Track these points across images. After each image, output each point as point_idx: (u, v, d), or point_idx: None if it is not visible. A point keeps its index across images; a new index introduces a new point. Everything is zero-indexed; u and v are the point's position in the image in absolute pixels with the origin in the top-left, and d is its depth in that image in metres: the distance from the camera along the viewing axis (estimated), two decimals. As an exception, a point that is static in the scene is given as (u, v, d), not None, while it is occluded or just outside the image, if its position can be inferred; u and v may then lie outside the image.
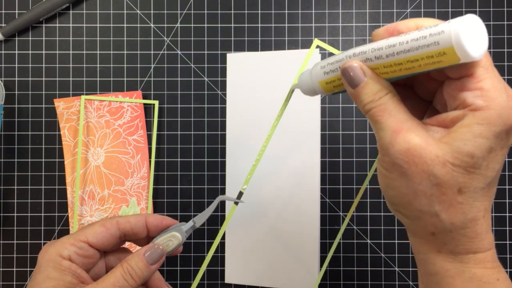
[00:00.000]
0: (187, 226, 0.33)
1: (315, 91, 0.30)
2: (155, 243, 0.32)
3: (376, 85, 0.25)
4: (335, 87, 0.29)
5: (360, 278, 0.52)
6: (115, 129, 0.53)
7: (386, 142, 0.24)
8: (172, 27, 0.54)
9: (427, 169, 0.23)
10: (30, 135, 0.53)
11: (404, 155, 0.23)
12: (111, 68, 0.54)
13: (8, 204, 0.53)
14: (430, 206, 0.24)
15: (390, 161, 0.24)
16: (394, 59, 0.24)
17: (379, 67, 0.25)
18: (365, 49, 0.26)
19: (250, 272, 0.52)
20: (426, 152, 0.23)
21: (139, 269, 0.30)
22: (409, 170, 0.23)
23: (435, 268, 0.25)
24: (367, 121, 0.53)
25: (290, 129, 0.52)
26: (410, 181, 0.24)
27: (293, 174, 0.51)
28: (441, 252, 0.25)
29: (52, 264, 0.30)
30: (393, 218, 0.52)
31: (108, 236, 0.32)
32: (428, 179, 0.23)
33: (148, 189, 0.53)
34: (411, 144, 0.23)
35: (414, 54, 0.23)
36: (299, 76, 0.32)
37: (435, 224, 0.24)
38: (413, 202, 0.24)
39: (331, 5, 0.54)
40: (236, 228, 0.52)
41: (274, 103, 0.52)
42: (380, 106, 0.25)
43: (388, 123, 0.24)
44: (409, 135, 0.24)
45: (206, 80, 0.54)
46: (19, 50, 0.54)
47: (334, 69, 0.28)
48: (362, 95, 0.26)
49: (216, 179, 0.53)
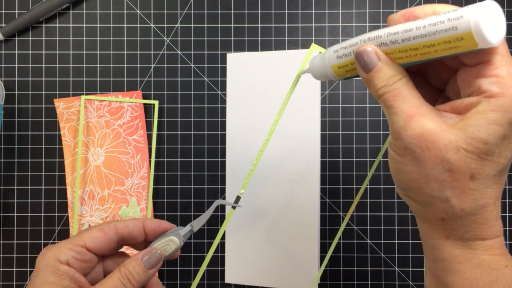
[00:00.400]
0: (185, 231, 0.33)
1: (327, 75, 0.30)
2: (153, 248, 0.32)
3: (390, 70, 0.25)
4: (347, 72, 0.28)
5: (360, 278, 0.52)
6: (115, 129, 0.53)
7: (399, 126, 0.24)
8: (172, 27, 0.54)
9: (440, 154, 0.23)
10: (30, 135, 0.53)
11: (417, 139, 0.23)
12: (111, 68, 0.54)
13: (8, 204, 0.53)
14: (442, 191, 0.23)
15: (403, 145, 0.24)
16: (410, 43, 0.24)
17: (394, 52, 0.25)
18: (380, 33, 0.25)
19: (250, 272, 0.52)
20: (440, 137, 0.23)
21: (137, 274, 0.30)
22: (422, 155, 0.23)
23: (443, 254, 0.25)
24: (367, 121, 0.53)
25: (290, 129, 0.52)
26: (422, 166, 0.23)
27: (293, 174, 0.51)
28: (449, 238, 0.25)
29: (50, 268, 0.30)
30: (393, 218, 0.52)
31: (106, 240, 0.32)
32: (441, 164, 0.23)
33: (148, 189, 0.53)
34: (425, 129, 0.23)
35: (431, 39, 0.23)
36: (310, 60, 0.31)
37: (445, 209, 0.24)
38: (424, 187, 0.24)
39: (331, 5, 0.54)
40: (236, 228, 0.52)
41: (274, 103, 0.52)
42: (394, 91, 0.25)
43: (401, 108, 0.24)
44: (423, 120, 0.23)
45: (206, 80, 0.54)
46: (19, 50, 0.54)
47: (348, 53, 0.27)
48: (375, 80, 0.25)
49: (216, 179, 0.53)
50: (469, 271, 0.24)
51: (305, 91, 0.52)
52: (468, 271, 0.24)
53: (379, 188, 0.53)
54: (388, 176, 0.53)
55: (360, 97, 0.53)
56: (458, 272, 0.25)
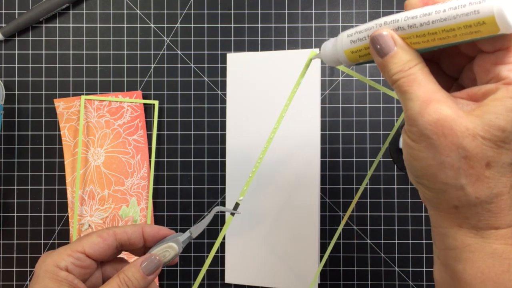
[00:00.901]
0: (184, 237, 0.33)
1: (339, 60, 0.29)
2: (152, 254, 0.32)
3: (406, 55, 0.25)
4: (360, 57, 0.28)
5: (360, 278, 0.52)
6: (115, 129, 0.53)
7: (415, 112, 0.24)
8: (172, 27, 0.54)
9: (456, 141, 0.22)
10: (30, 135, 0.53)
11: (433, 125, 0.23)
12: (111, 68, 0.54)
13: (8, 204, 0.53)
14: (456, 179, 0.23)
15: (418, 131, 0.24)
16: (429, 27, 0.23)
17: (411, 37, 0.25)
18: (397, 17, 0.25)
19: (250, 272, 0.52)
20: (457, 124, 0.22)
21: (135, 280, 0.30)
22: (438, 141, 0.23)
23: (455, 242, 0.25)
24: (367, 121, 0.53)
25: (290, 129, 0.52)
26: (438, 153, 0.23)
27: (293, 174, 0.51)
28: (462, 227, 0.24)
29: (49, 275, 0.30)
30: (393, 218, 0.52)
31: (105, 246, 0.32)
32: (457, 151, 0.23)
33: (148, 189, 0.53)
34: (442, 115, 0.23)
35: (450, 23, 0.23)
36: (323, 45, 0.31)
37: (459, 197, 0.24)
38: (439, 174, 0.24)
39: (331, 5, 0.54)
40: (236, 228, 0.52)
41: (274, 103, 0.52)
42: (410, 76, 0.24)
43: (418, 93, 0.24)
44: (439, 106, 0.23)
45: (206, 80, 0.54)
46: (19, 50, 0.54)
47: (362, 37, 0.27)
48: (390, 65, 0.25)
49: (216, 179, 0.53)
50: (481, 260, 0.24)
51: (305, 91, 0.52)
52: (480, 260, 0.24)
53: (379, 188, 0.53)
54: (388, 176, 0.53)
55: (360, 97, 0.53)
56: (470, 261, 0.24)
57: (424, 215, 0.52)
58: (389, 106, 0.53)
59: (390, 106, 0.53)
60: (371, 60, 0.28)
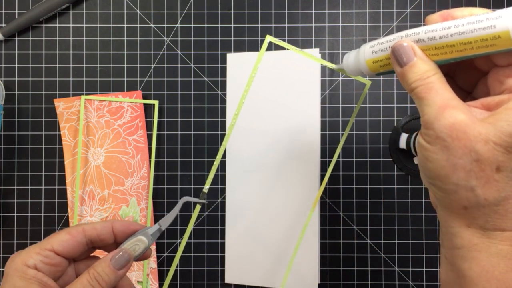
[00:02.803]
0: (153, 230, 0.33)
1: (360, 70, 0.32)
2: (122, 248, 0.32)
3: (425, 65, 0.27)
4: (381, 67, 0.30)
5: (360, 278, 0.52)
6: (115, 129, 0.53)
7: (431, 116, 0.25)
8: (172, 27, 0.54)
9: (469, 144, 0.24)
10: (30, 135, 0.53)
11: (449, 129, 0.25)
12: (111, 68, 0.54)
13: (8, 204, 0.53)
14: (467, 180, 0.25)
15: (434, 134, 0.25)
16: (447, 40, 0.26)
17: (430, 49, 0.27)
18: (418, 30, 0.27)
19: (250, 272, 0.52)
20: (470, 129, 0.24)
21: (105, 275, 0.31)
22: (452, 144, 0.24)
23: (463, 241, 0.26)
24: (367, 121, 0.53)
25: (290, 129, 0.52)
26: (451, 155, 0.25)
27: (293, 174, 0.51)
28: (470, 227, 0.26)
29: (18, 273, 0.30)
30: (393, 218, 0.52)
31: (74, 243, 0.32)
32: (469, 154, 0.24)
33: (148, 189, 0.53)
34: (457, 120, 0.24)
35: (468, 36, 0.25)
36: (345, 56, 0.33)
37: (469, 198, 0.25)
38: (451, 176, 0.25)
39: (331, 5, 0.54)
40: (236, 228, 0.52)
41: (274, 102, 0.52)
42: (428, 84, 0.26)
43: (435, 100, 0.26)
44: (455, 112, 0.25)
45: (206, 80, 0.54)
46: (19, 50, 0.54)
47: (384, 48, 0.29)
48: (410, 74, 0.27)
49: (216, 179, 0.53)
50: (486, 259, 0.25)
51: (305, 91, 0.52)
52: (485, 259, 0.25)
53: (379, 188, 0.53)
54: (388, 176, 0.53)
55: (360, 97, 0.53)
56: (476, 260, 0.25)
57: (424, 215, 0.52)
58: (389, 106, 0.53)
59: (390, 106, 0.53)
60: (391, 70, 0.30)
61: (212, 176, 0.37)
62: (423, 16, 0.53)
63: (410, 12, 0.53)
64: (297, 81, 0.52)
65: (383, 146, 0.53)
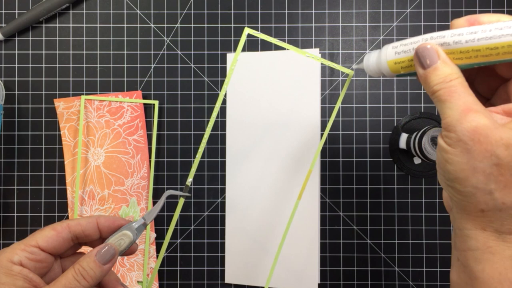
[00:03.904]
0: (138, 224, 0.34)
1: (381, 71, 0.31)
2: (107, 243, 0.32)
3: (448, 68, 0.27)
4: (402, 68, 0.30)
5: (360, 278, 0.52)
6: (115, 129, 0.53)
7: (454, 119, 0.26)
8: (172, 27, 0.54)
9: (490, 148, 0.24)
10: (30, 135, 0.53)
11: (471, 132, 0.25)
12: (111, 68, 0.54)
13: (8, 204, 0.53)
14: (486, 184, 0.25)
15: (456, 137, 0.25)
16: (474, 44, 0.26)
17: (455, 52, 0.27)
18: (444, 33, 0.27)
19: (250, 272, 0.52)
20: (492, 133, 0.24)
21: (91, 270, 0.31)
22: (473, 147, 0.25)
23: (477, 244, 0.26)
24: (367, 121, 0.53)
25: (290, 129, 0.52)
26: (472, 158, 0.25)
27: (293, 173, 0.51)
28: (485, 230, 0.26)
29: (3, 270, 0.30)
30: (393, 218, 0.52)
31: (59, 239, 0.32)
32: (490, 158, 0.24)
33: (148, 189, 0.53)
34: (480, 124, 0.25)
35: (495, 42, 0.25)
36: (365, 56, 0.33)
37: (487, 201, 0.25)
38: (470, 179, 0.25)
39: (331, 5, 0.54)
40: (236, 228, 0.52)
41: (274, 102, 0.52)
42: (451, 88, 0.26)
43: (457, 103, 0.26)
44: (478, 116, 0.25)
45: (206, 80, 0.54)
46: (19, 50, 0.54)
47: (407, 50, 0.29)
48: (432, 76, 0.27)
49: (216, 179, 0.53)
50: (500, 261, 0.26)
51: (305, 91, 0.52)
52: (499, 261, 0.26)
53: (379, 188, 0.53)
54: (388, 176, 0.53)
55: (360, 97, 0.53)
56: (490, 262, 0.26)
57: (424, 215, 0.52)
58: (389, 106, 0.53)
59: (390, 106, 0.53)
60: (412, 72, 0.30)
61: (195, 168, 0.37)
62: (423, 16, 0.53)
63: (410, 12, 0.53)
64: (297, 81, 0.52)
65: (383, 146, 0.53)
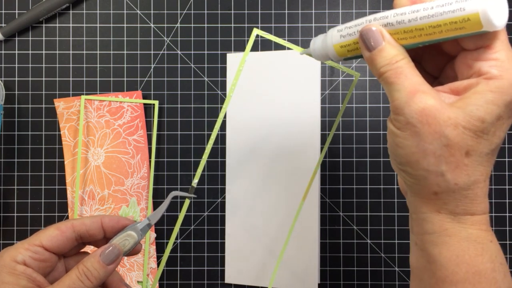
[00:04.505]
0: (143, 224, 0.33)
1: (327, 55, 0.31)
2: (111, 244, 0.32)
3: (393, 49, 0.26)
4: (349, 52, 0.29)
5: (360, 278, 0.52)
6: (115, 129, 0.53)
7: (401, 102, 0.25)
8: (172, 27, 0.54)
9: (439, 129, 0.24)
10: (30, 135, 0.53)
11: (419, 114, 0.24)
12: (111, 68, 0.54)
13: (8, 204, 0.53)
14: (437, 166, 0.25)
15: (404, 120, 0.25)
16: (417, 23, 0.25)
17: (399, 33, 0.26)
18: (387, 14, 0.27)
19: (250, 272, 0.52)
20: (440, 114, 0.24)
21: (95, 270, 0.30)
22: (422, 129, 0.24)
23: (433, 227, 0.26)
24: (367, 121, 0.53)
25: (290, 129, 0.52)
26: (422, 141, 0.25)
27: (293, 174, 0.51)
28: (440, 212, 0.26)
29: (6, 269, 0.30)
30: (393, 218, 0.52)
31: (63, 239, 0.32)
32: (439, 139, 0.24)
33: (148, 189, 0.53)
34: (427, 105, 0.24)
35: (437, 19, 0.24)
36: (312, 40, 0.32)
37: (439, 183, 0.25)
38: (421, 161, 0.25)
39: (331, 5, 0.54)
40: (236, 228, 0.52)
41: (274, 102, 0.52)
42: (397, 69, 0.26)
43: (404, 84, 0.25)
44: (425, 96, 0.25)
45: (206, 80, 0.54)
46: (19, 50, 0.54)
47: (352, 32, 0.28)
48: (378, 58, 0.26)
49: (216, 179, 0.53)
50: (456, 243, 0.25)
51: (305, 91, 0.52)
52: (456, 243, 0.25)
53: (379, 188, 0.53)
54: (389, 176, 0.53)
55: (360, 97, 0.53)
56: (446, 245, 0.26)
57: (424, 215, 0.52)
58: (389, 106, 0.53)
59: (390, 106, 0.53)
60: (358, 55, 0.29)
61: (201, 170, 0.37)
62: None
63: (410, 12, 0.53)
64: (297, 81, 0.52)
65: (383, 146, 0.53)
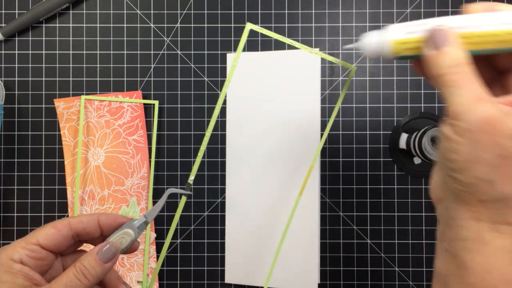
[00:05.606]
0: (139, 222, 0.33)
1: (382, 50, 0.30)
2: (108, 241, 0.32)
3: (460, 52, 0.26)
4: (406, 50, 0.29)
5: (360, 278, 0.52)
6: (115, 129, 0.53)
7: (463, 108, 0.25)
8: (172, 27, 0.54)
9: (498, 140, 0.24)
10: (30, 135, 0.53)
11: (480, 122, 0.24)
12: (111, 68, 0.54)
13: (8, 204, 0.53)
14: (489, 175, 0.24)
15: (464, 126, 0.25)
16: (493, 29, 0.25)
17: (472, 37, 0.26)
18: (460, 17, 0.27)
19: (250, 272, 0.52)
20: (501, 124, 0.24)
21: (92, 268, 0.30)
22: (481, 138, 0.24)
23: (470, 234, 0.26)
24: (367, 121, 0.53)
25: (290, 129, 0.52)
26: (478, 149, 0.24)
27: (293, 173, 0.51)
28: (480, 220, 0.26)
29: (3, 268, 0.30)
30: (393, 218, 0.52)
31: (60, 237, 0.32)
32: (497, 149, 0.24)
33: (148, 189, 0.53)
34: (489, 114, 0.24)
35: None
36: (366, 34, 0.31)
37: (488, 192, 0.25)
38: (474, 169, 0.25)
39: (331, 5, 0.54)
40: (236, 228, 0.52)
41: (274, 102, 0.52)
42: (461, 73, 0.26)
43: (468, 90, 0.25)
44: (488, 105, 0.24)
45: (206, 80, 0.54)
46: (19, 50, 0.54)
47: (416, 30, 0.28)
48: (442, 58, 0.26)
49: (216, 179, 0.53)
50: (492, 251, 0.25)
51: (305, 91, 0.52)
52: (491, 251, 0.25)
53: (379, 188, 0.53)
54: (388, 176, 0.53)
55: (360, 97, 0.53)
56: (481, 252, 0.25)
57: (424, 215, 0.52)
58: (389, 106, 0.53)
59: (390, 106, 0.53)
60: (414, 55, 0.29)
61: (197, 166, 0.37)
62: (423, 16, 0.53)
63: (410, 12, 0.53)
64: (297, 81, 0.52)
65: (383, 146, 0.53)
